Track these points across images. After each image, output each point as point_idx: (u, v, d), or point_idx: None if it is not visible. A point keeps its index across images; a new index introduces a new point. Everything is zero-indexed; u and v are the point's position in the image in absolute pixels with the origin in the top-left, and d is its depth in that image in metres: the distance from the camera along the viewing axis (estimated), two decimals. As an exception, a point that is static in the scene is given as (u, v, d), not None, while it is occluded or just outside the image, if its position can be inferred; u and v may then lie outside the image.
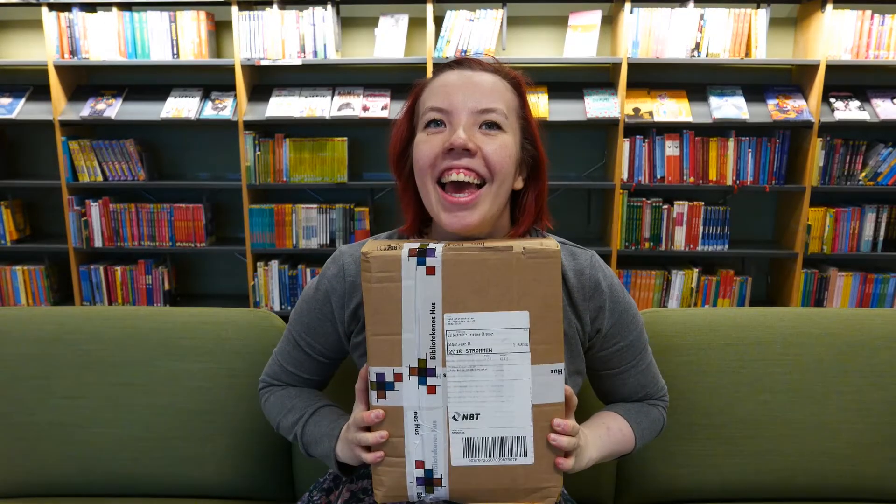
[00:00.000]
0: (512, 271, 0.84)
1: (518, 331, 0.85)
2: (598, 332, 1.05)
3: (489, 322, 0.85)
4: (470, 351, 0.85)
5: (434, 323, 0.85)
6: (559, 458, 0.87)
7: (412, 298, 0.85)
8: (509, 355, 0.85)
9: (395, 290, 0.85)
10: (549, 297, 0.85)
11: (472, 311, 0.85)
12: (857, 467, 1.32)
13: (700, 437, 1.31)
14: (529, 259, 0.84)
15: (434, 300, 0.85)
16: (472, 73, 0.97)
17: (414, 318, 0.85)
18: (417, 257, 0.84)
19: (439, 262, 0.84)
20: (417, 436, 0.87)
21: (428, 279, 0.84)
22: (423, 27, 3.01)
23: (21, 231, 3.23)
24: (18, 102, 3.07)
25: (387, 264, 0.84)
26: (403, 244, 0.87)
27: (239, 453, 1.32)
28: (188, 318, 1.34)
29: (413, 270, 0.84)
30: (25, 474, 1.34)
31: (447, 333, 0.85)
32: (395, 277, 0.84)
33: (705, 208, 3.05)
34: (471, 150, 0.91)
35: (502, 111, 0.94)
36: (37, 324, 1.33)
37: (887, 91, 3.01)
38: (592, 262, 1.05)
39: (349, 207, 3.12)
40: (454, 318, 0.85)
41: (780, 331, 1.31)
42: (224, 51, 3.19)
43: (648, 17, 2.90)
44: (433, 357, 0.86)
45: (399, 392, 0.87)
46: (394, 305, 0.85)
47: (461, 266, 0.84)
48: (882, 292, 3.08)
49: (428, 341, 0.85)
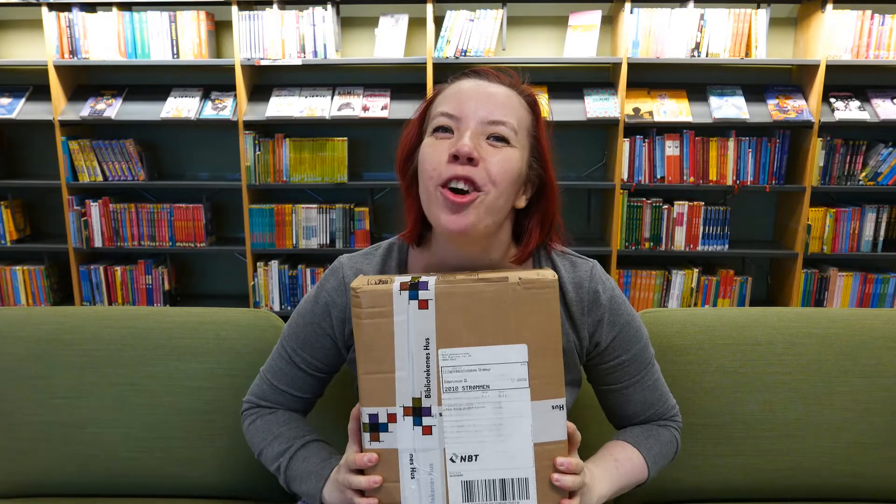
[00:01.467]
0: (508, 303, 0.80)
1: (516, 365, 0.81)
2: (596, 345, 1.03)
3: (486, 357, 0.81)
4: (466, 388, 0.81)
5: (428, 359, 0.81)
6: (563, 500, 0.83)
7: (405, 334, 0.81)
8: (508, 392, 0.81)
9: (387, 326, 0.81)
10: (547, 328, 0.81)
11: (468, 345, 0.81)
12: (857, 467, 1.32)
13: (700, 437, 1.31)
14: (525, 290, 0.80)
15: (428, 335, 0.81)
16: (489, 83, 0.95)
17: (407, 355, 0.81)
18: (409, 291, 0.80)
19: (432, 296, 0.80)
20: (413, 480, 0.83)
21: (421, 313, 0.81)
22: (423, 27, 3.01)
23: (21, 231, 3.23)
24: (18, 102, 3.08)
25: (377, 299, 0.81)
26: (395, 277, 0.83)
27: (239, 453, 1.32)
28: (188, 318, 1.34)
29: (405, 304, 0.81)
30: (25, 474, 1.34)
31: (442, 370, 0.81)
32: (387, 312, 0.81)
33: (705, 208, 3.05)
34: (475, 159, 0.89)
35: (512, 125, 0.92)
36: (37, 324, 1.33)
37: (887, 91, 3.01)
38: (592, 275, 1.03)
39: (349, 207, 3.12)
40: (449, 354, 0.81)
41: (780, 331, 1.31)
42: (224, 51, 3.19)
43: (648, 17, 2.90)
44: (428, 395, 0.82)
45: (393, 434, 0.82)
46: (386, 342, 0.81)
47: (455, 299, 0.81)
48: (882, 292, 3.08)
49: (422, 379, 0.81)
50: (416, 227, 1.00)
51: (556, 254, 1.05)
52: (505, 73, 0.98)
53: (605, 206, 3.18)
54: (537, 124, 0.98)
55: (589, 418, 1.23)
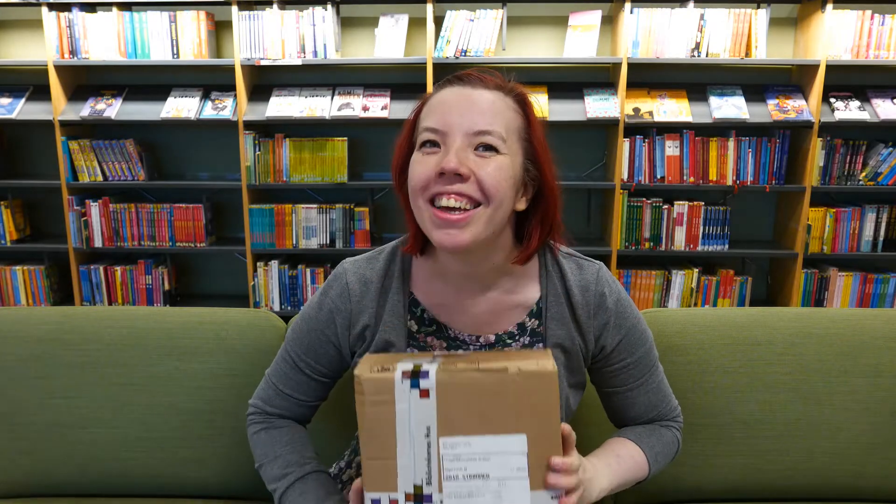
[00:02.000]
0: (507, 393, 0.81)
1: (515, 455, 0.82)
2: (602, 349, 1.03)
3: (486, 446, 0.82)
4: (467, 476, 0.82)
5: (429, 447, 0.82)
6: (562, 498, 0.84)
7: (406, 422, 0.82)
8: (507, 481, 0.82)
9: (389, 414, 0.82)
10: (546, 418, 0.82)
11: (468, 434, 0.82)
12: (857, 467, 1.32)
13: (701, 437, 1.31)
14: (525, 381, 0.81)
15: (429, 423, 0.82)
16: (472, 90, 0.92)
17: (409, 442, 0.82)
18: (411, 379, 0.81)
19: (433, 385, 0.81)
20: None
21: (422, 402, 0.81)
22: (423, 27, 3.01)
23: (21, 231, 3.23)
24: (18, 102, 3.07)
25: (380, 387, 0.81)
26: (397, 364, 0.83)
27: (239, 453, 1.32)
28: (188, 318, 1.34)
29: (407, 393, 0.81)
30: (25, 474, 1.34)
31: (443, 458, 0.82)
32: (389, 400, 0.81)
33: (705, 208, 3.05)
34: (463, 174, 0.87)
35: (499, 133, 0.89)
36: (37, 324, 1.33)
37: (887, 91, 3.01)
38: (599, 277, 1.02)
39: (349, 207, 3.12)
40: (450, 443, 0.82)
41: (780, 331, 1.31)
42: (224, 51, 3.19)
43: (648, 17, 2.90)
44: (429, 483, 0.82)
45: None
46: (388, 429, 0.82)
47: (455, 389, 0.81)
48: (882, 292, 3.08)
49: (423, 466, 0.82)
50: (417, 240, 0.99)
51: (562, 255, 1.04)
52: (490, 74, 0.95)
53: (605, 206, 3.18)
54: (529, 124, 0.95)
55: (589, 418, 1.23)
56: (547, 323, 1.01)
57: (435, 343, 1.02)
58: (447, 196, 0.88)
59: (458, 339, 1.01)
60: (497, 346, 1.01)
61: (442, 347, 1.02)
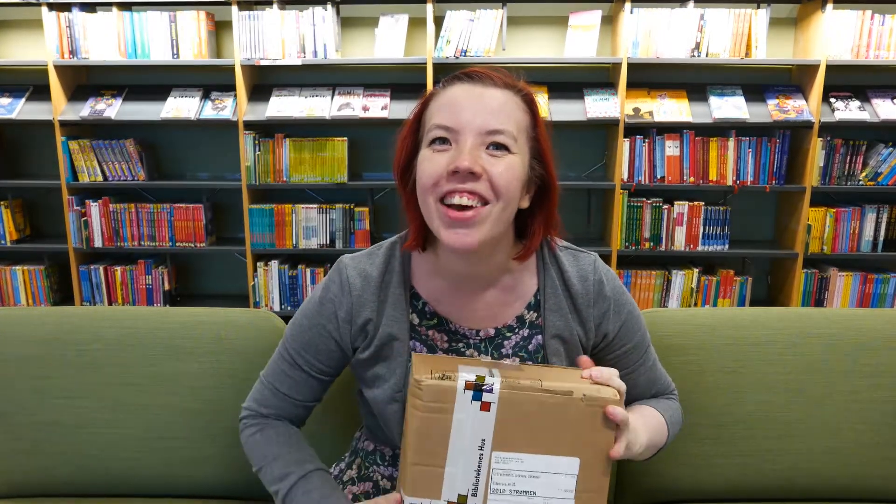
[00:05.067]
0: (568, 416, 0.81)
1: (565, 477, 0.82)
2: (605, 336, 1.04)
3: (537, 465, 0.82)
4: (514, 492, 0.82)
5: (481, 459, 0.82)
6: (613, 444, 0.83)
7: (462, 432, 0.81)
8: (553, 501, 0.83)
9: (446, 423, 0.81)
10: (602, 445, 0.82)
11: (522, 451, 0.82)
12: (857, 467, 1.32)
13: (700, 438, 1.31)
14: (588, 407, 0.81)
15: (484, 436, 0.81)
16: (483, 88, 0.92)
17: (460, 452, 0.81)
18: (474, 391, 0.80)
19: (496, 399, 0.80)
20: None
21: (481, 415, 0.80)
22: (423, 27, 3.01)
23: (21, 231, 3.23)
24: (18, 102, 3.08)
25: (440, 395, 0.80)
26: (459, 372, 0.81)
27: (239, 453, 1.32)
28: (188, 318, 1.34)
29: (467, 404, 0.80)
30: (25, 474, 1.34)
31: (493, 472, 0.82)
32: (447, 409, 0.80)
33: (705, 208, 3.05)
34: (476, 173, 0.87)
35: (511, 132, 0.90)
36: (37, 324, 1.33)
37: (887, 91, 3.01)
38: (595, 267, 1.03)
39: (349, 207, 3.12)
40: (502, 458, 0.82)
41: (780, 331, 1.31)
42: (224, 51, 3.19)
43: (648, 17, 2.90)
44: (475, 494, 0.82)
45: None
46: (441, 437, 0.81)
47: (517, 406, 0.81)
48: (882, 292, 3.08)
49: (472, 477, 0.82)
50: (419, 237, 0.98)
51: (559, 248, 1.05)
52: (498, 72, 0.95)
53: (605, 206, 3.18)
54: (535, 123, 0.95)
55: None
56: (545, 314, 1.02)
57: (436, 336, 1.02)
58: (459, 194, 0.88)
59: (458, 332, 1.02)
60: (497, 340, 1.02)
61: (443, 341, 1.02)
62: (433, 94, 0.96)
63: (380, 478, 1.08)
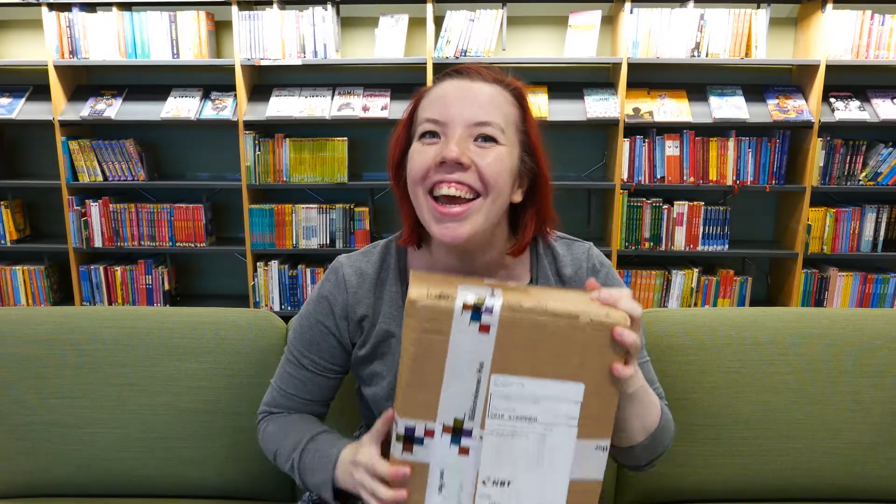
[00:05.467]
0: (573, 341, 0.77)
1: (569, 403, 0.79)
2: None
3: (539, 389, 0.79)
4: (513, 417, 0.79)
5: (479, 383, 0.78)
6: (617, 364, 0.79)
7: (459, 355, 0.78)
8: (555, 427, 0.80)
9: (442, 344, 0.77)
10: (610, 371, 0.79)
11: (523, 375, 0.78)
12: (857, 467, 1.32)
13: (700, 438, 1.31)
14: (595, 331, 0.77)
15: (483, 359, 0.78)
16: (472, 83, 0.94)
17: (457, 376, 0.78)
18: (472, 312, 0.76)
19: (495, 322, 0.77)
20: (440, 495, 0.81)
21: (480, 336, 0.77)
22: (423, 27, 3.01)
23: (21, 231, 3.23)
24: (18, 102, 3.07)
25: (436, 316, 0.77)
26: (457, 292, 0.77)
27: (239, 453, 1.32)
28: (188, 318, 1.34)
29: (465, 325, 0.77)
30: (25, 474, 1.34)
31: (492, 396, 0.79)
32: (444, 330, 0.77)
33: (705, 208, 3.05)
34: (464, 164, 0.88)
35: (499, 125, 0.91)
36: (37, 324, 1.33)
37: (887, 91, 3.01)
38: (590, 254, 1.04)
39: (349, 207, 3.12)
40: (502, 381, 0.79)
41: (780, 331, 1.31)
42: (224, 51, 3.19)
43: (648, 17, 2.90)
44: (472, 418, 0.79)
45: (427, 449, 0.80)
46: (437, 360, 0.78)
47: (519, 328, 0.77)
48: (882, 292, 3.08)
49: (469, 401, 0.79)
50: (413, 233, 0.99)
51: (553, 239, 1.06)
52: (488, 69, 0.97)
53: (605, 206, 3.18)
54: (525, 117, 0.96)
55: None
56: None
57: None
58: (447, 184, 0.89)
59: None
60: None
61: None
62: (424, 91, 0.98)
63: None
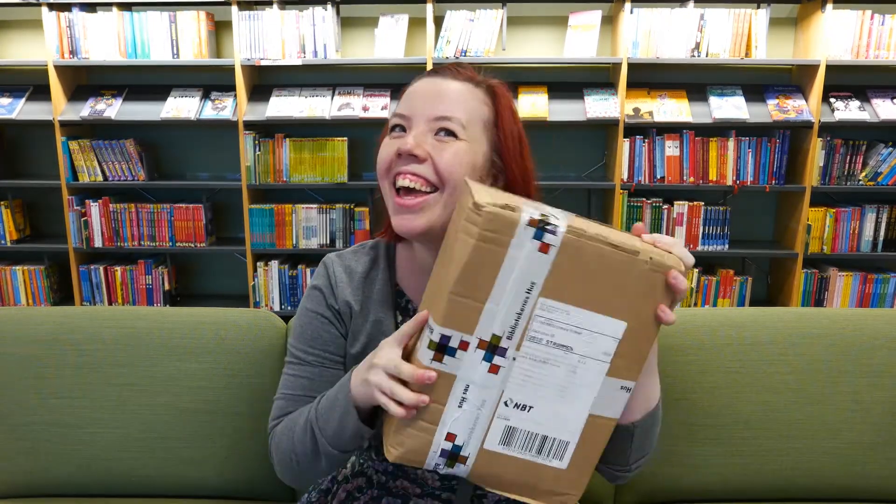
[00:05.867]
0: (628, 277, 0.76)
1: (608, 339, 0.78)
2: None
3: (583, 321, 0.77)
4: (551, 344, 0.77)
5: (525, 303, 0.75)
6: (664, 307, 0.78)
7: (512, 270, 0.74)
8: (588, 360, 0.79)
9: (498, 256, 0.74)
10: (654, 314, 0.78)
11: (570, 304, 0.76)
12: (857, 467, 1.32)
13: (700, 438, 1.31)
14: (651, 272, 0.76)
15: (535, 280, 0.75)
16: (441, 80, 0.95)
17: (505, 291, 0.75)
18: (536, 229, 0.73)
19: (557, 243, 0.73)
20: (460, 409, 0.79)
21: (538, 256, 0.74)
22: (423, 27, 3.01)
23: (21, 231, 3.23)
24: (18, 102, 3.08)
25: (499, 224, 0.73)
26: (522, 205, 0.74)
27: (239, 453, 1.32)
28: (188, 318, 1.34)
29: (525, 241, 0.73)
30: (25, 474, 1.34)
31: (534, 318, 0.76)
32: (503, 242, 0.73)
33: (705, 208, 3.05)
34: (419, 156, 0.90)
35: (459, 120, 0.92)
36: (37, 324, 1.33)
37: (887, 91, 3.01)
38: None
39: (349, 207, 3.12)
40: (549, 306, 0.76)
41: (780, 331, 1.31)
42: (224, 51, 3.19)
43: (648, 17, 2.90)
44: (510, 337, 0.77)
45: (458, 361, 0.77)
46: (489, 271, 0.74)
47: (579, 255, 0.74)
48: (882, 292, 3.08)
49: (511, 319, 0.76)
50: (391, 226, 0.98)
51: None
52: (465, 68, 0.98)
53: (605, 206, 3.18)
54: (498, 116, 0.96)
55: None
56: None
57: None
58: (403, 175, 0.91)
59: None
60: None
61: None
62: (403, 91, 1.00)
63: (373, 472, 1.08)
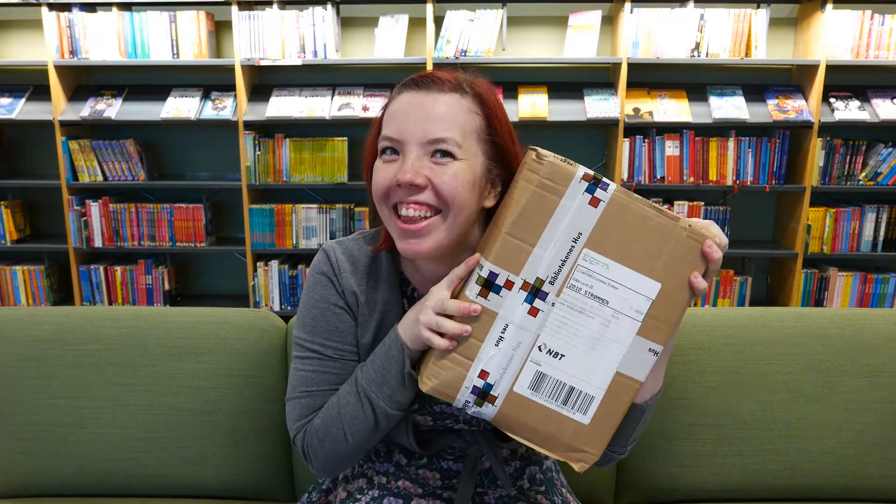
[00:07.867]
0: (667, 240, 0.83)
1: (642, 298, 0.84)
2: None
3: (620, 276, 0.83)
4: (589, 294, 0.84)
5: (570, 252, 0.83)
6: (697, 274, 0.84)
7: (563, 219, 0.83)
8: (621, 316, 0.84)
9: (552, 204, 0.82)
10: (686, 280, 0.84)
11: (611, 258, 0.83)
12: (857, 467, 1.32)
13: (700, 437, 1.31)
14: (689, 239, 0.83)
15: (582, 231, 0.83)
16: (427, 95, 0.90)
17: (554, 238, 0.83)
18: (589, 184, 0.82)
19: (607, 199, 0.82)
20: (496, 347, 0.85)
21: (587, 209, 0.82)
22: (423, 27, 3.01)
23: (21, 231, 3.23)
24: (18, 102, 3.08)
25: (557, 175, 0.82)
26: (579, 165, 0.83)
27: (239, 453, 1.32)
28: (188, 318, 1.34)
29: (578, 194, 0.82)
30: (25, 474, 1.34)
31: (577, 267, 0.83)
32: (559, 191, 0.82)
33: (705, 208, 3.05)
34: (419, 184, 0.87)
35: (454, 140, 0.88)
36: (37, 324, 1.33)
37: (887, 91, 3.01)
38: None
39: (349, 207, 3.12)
40: (592, 257, 0.83)
41: (780, 331, 1.31)
42: (224, 51, 3.19)
43: (648, 17, 2.90)
44: (552, 283, 0.84)
45: (502, 299, 0.84)
46: (542, 217, 0.83)
47: (624, 212, 0.82)
48: (882, 292, 3.08)
49: (556, 266, 0.84)
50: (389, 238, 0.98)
51: None
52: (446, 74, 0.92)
53: (605, 206, 3.18)
54: (489, 124, 0.92)
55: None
56: None
57: None
58: (406, 206, 0.89)
59: None
60: None
61: None
62: (387, 103, 0.96)
63: (374, 473, 1.07)
